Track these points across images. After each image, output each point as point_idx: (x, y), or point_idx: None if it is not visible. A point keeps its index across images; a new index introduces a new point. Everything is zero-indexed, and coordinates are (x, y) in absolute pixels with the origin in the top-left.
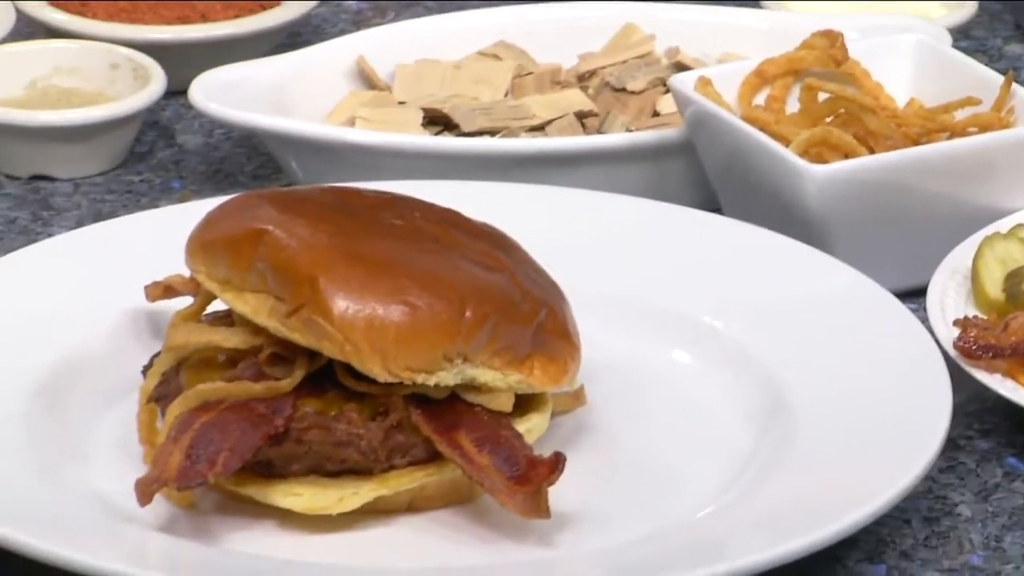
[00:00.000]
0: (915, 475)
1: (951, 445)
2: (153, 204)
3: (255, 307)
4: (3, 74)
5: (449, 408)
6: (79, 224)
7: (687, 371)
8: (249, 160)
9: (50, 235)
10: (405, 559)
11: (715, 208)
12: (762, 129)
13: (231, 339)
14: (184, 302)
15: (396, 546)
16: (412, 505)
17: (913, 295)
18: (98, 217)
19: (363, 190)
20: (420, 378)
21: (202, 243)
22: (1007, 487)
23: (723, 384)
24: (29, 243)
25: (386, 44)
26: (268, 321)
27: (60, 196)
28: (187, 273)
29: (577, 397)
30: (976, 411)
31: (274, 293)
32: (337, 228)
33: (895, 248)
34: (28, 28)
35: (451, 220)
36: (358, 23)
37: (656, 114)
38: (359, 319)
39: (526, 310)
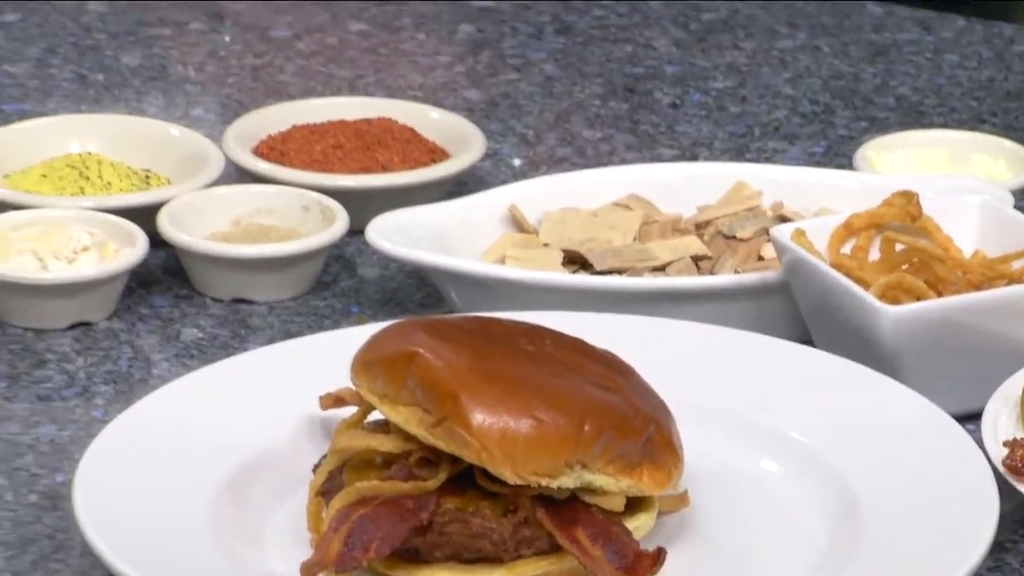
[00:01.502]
0: (965, 573)
1: (998, 547)
2: (335, 326)
3: (407, 418)
4: (213, 212)
5: (569, 507)
6: (271, 341)
7: (775, 478)
8: (418, 290)
9: (246, 350)
10: None
11: (807, 340)
12: (847, 274)
13: (386, 444)
14: (350, 411)
15: None
16: None
17: (971, 418)
18: (288, 336)
19: (503, 319)
20: (544, 481)
21: (364, 362)
22: None
23: (805, 490)
24: (228, 356)
25: (536, 194)
26: (417, 430)
27: (256, 317)
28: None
29: (681, 499)
30: (1021, 519)
31: (423, 406)
32: (477, 352)
33: (957, 377)
34: (236, 174)
35: (577, 347)
36: (516, 175)
37: (761, 258)
38: (494, 430)
39: (637, 425)
